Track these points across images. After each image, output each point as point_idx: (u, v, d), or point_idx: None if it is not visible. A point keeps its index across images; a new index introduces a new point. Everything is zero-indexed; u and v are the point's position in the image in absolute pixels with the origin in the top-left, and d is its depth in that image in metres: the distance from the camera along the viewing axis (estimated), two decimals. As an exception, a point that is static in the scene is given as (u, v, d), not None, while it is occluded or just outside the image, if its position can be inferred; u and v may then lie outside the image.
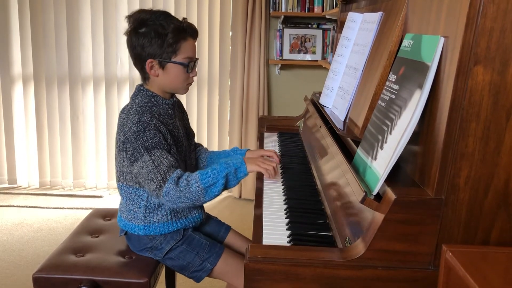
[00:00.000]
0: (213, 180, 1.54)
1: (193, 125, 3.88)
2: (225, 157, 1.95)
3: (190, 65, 1.64)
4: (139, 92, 1.66)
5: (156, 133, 1.56)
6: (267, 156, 1.89)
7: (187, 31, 1.62)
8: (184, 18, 1.65)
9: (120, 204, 1.75)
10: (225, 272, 1.68)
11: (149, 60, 1.60)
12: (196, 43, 1.69)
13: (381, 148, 1.15)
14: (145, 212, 1.66)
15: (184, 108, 1.90)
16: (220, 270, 1.68)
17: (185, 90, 1.71)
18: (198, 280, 1.69)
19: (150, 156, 1.53)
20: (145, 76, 1.66)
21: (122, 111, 1.63)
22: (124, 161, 1.60)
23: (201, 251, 1.68)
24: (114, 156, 4.10)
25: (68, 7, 3.80)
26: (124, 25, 1.67)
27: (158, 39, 1.57)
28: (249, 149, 1.98)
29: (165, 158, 1.54)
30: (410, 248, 1.05)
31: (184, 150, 1.74)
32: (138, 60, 1.63)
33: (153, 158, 1.53)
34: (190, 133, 1.88)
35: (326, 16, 3.59)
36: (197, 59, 1.69)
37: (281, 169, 1.87)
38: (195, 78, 1.72)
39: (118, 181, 1.70)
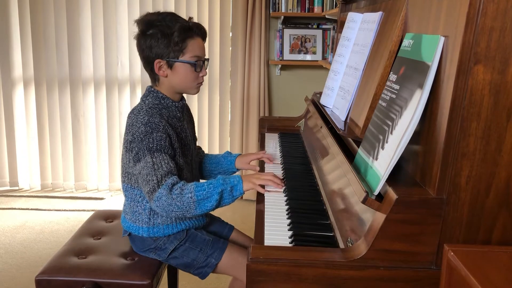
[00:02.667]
0: (207, 194, 1.52)
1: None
2: (216, 163, 1.96)
3: (198, 64, 1.64)
4: (150, 93, 1.67)
5: (163, 136, 1.56)
6: (259, 159, 1.92)
7: (193, 30, 1.62)
8: (190, 18, 1.66)
9: (124, 205, 1.76)
10: (230, 266, 1.68)
11: (157, 60, 1.61)
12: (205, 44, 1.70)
13: (382, 148, 1.15)
14: (150, 214, 1.66)
15: (191, 113, 1.91)
16: (225, 265, 1.68)
17: (196, 90, 1.71)
18: (203, 276, 1.69)
19: (152, 158, 1.53)
20: (155, 78, 1.67)
21: (132, 112, 1.63)
22: (130, 161, 1.60)
23: (204, 247, 1.68)
24: (115, 157, 4.13)
25: (68, 10, 3.80)
26: (124, 27, 1.68)
27: (164, 39, 1.58)
28: (240, 154, 1.98)
29: (166, 163, 1.53)
30: (412, 248, 1.05)
31: (190, 153, 1.74)
32: (147, 61, 1.64)
33: (154, 161, 1.52)
34: (195, 138, 1.88)
35: (326, 16, 3.59)
36: (207, 59, 1.69)
37: (282, 170, 1.88)
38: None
39: (123, 181, 1.70)
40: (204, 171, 1.97)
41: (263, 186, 1.63)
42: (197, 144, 1.98)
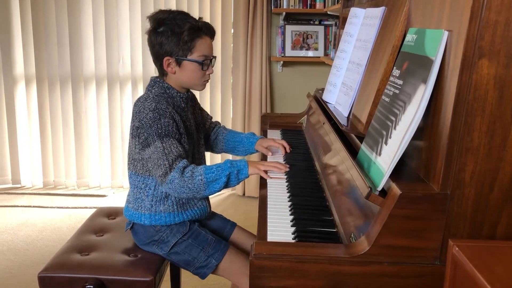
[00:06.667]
0: (216, 177, 1.59)
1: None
2: (239, 142, 2.03)
3: (205, 62, 1.70)
4: (155, 83, 1.72)
5: (170, 121, 1.62)
6: (275, 148, 2.00)
7: (202, 30, 1.68)
8: (200, 18, 1.72)
9: (128, 195, 1.79)
10: (230, 269, 1.70)
11: (166, 58, 1.67)
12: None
13: (386, 143, 1.14)
14: (152, 201, 1.69)
15: (197, 100, 1.96)
16: (224, 267, 1.69)
17: (202, 86, 1.77)
18: (203, 276, 1.70)
19: (162, 143, 1.59)
20: (163, 73, 1.73)
21: (138, 100, 1.69)
22: (136, 147, 1.66)
23: (206, 247, 1.69)
24: (117, 154, 4.15)
25: (69, 7, 3.79)
26: (125, 24, 1.71)
27: (174, 37, 1.64)
28: (262, 137, 2.05)
29: (175, 147, 1.60)
30: (416, 243, 1.05)
31: (193, 143, 1.78)
32: (156, 57, 1.70)
33: (164, 146, 1.59)
34: (200, 126, 1.91)
35: (328, 12, 3.58)
36: (214, 57, 1.75)
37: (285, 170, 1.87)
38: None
39: (128, 169, 1.75)
40: (226, 145, 2.04)
41: (266, 173, 1.72)
42: (212, 120, 2.06)
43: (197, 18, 1.70)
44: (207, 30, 1.70)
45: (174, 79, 1.71)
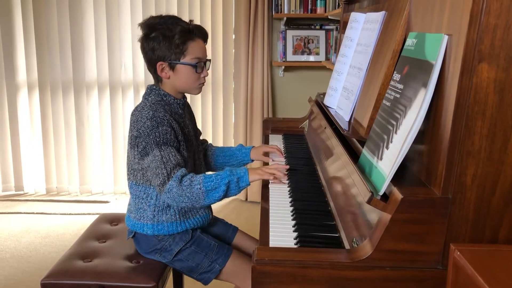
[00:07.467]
0: (215, 185, 1.57)
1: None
2: (230, 156, 2.00)
3: (199, 65, 1.68)
4: (152, 91, 1.71)
5: (169, 129, 1.60)
6: (271, 153, 1.99)
7: (193, 32, 1.66)
8: (191, 20, 1.70)
9: (129, 205, 1.78)
10: (233, 273, 1.69)
11: (159, 63, 1.65)
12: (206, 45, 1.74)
13: (387, 147, 1.15)
14: (154, 211, 1.68)
15: (191, 110, 1.95)
16: (228, 272, 1.69)
17: (198, 90, 1.75)
18: (206, 282, 1.70)
19: (160, 151, 1.57)
20: (158, 79, 1.71)
21: (136, 109, 1.67)
22: (135, 157, 1.64)
23: (209, 253, 1.69)
24: (120, 160, 4.14)
25: (71, 14, 3.81)
26: (127, 30, 1.71)
27: (166, 41, 1.63)
28: (253, 146, 2.02)
29: (173, 156, 1.58)
30: (418, 247, 1.04)
31: (193, 149, 1.78)
32: (150, 63, 1.69)
33: (162, 154, 1.57)
34: (197, 133, 1.91)
35: (329, 17, 3.59)
36: (208, 60, 1.73)
37: (286, 171, 1.87)
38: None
39: (128, 179, 1.73)
40: (216, 163, 2.00)
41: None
42: (201, 138, 2.01)
43: (188, 21, 1.68)
44: (199, 33, 1.68)
45: (170, 84, 1.70)
